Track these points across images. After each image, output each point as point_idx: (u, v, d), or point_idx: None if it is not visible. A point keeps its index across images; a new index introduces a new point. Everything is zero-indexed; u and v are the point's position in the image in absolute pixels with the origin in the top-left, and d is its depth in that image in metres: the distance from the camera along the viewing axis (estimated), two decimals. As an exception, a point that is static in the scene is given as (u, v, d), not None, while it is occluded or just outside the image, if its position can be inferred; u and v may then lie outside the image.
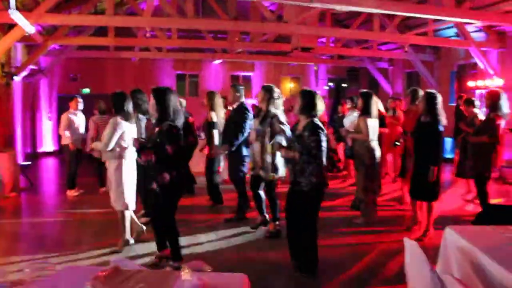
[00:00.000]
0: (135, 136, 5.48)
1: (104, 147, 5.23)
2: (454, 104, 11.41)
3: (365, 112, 6.53)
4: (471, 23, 11.40)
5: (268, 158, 5.83)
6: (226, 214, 7.17)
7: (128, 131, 5.38)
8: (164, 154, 4.43)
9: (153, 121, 4.85)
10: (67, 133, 8.62)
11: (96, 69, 16.63)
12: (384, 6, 8.61)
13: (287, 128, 5.75)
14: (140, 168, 5.57)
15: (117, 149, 5.30)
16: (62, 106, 8.82)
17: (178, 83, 18.02)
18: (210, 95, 7.58)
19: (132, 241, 5.62)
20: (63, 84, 16.50)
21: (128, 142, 5.35)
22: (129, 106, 5.45)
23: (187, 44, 13.51)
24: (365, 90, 6.85)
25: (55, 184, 10.76)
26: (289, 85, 19.91)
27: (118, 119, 5.28)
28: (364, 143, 6.49)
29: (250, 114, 6.56)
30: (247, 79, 19.02)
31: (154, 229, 4.84)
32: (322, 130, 4.40)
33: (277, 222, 6.11)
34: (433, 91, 5.77)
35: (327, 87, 19.86)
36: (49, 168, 13.66)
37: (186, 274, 1.88)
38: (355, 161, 6.89)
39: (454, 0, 9.25)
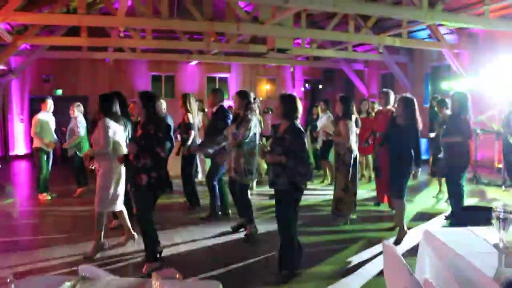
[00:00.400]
0: (123, 138, 5.45)
1: (103, 149, 5.12)
2: (428, 106, 11.55)
3: (346, 115, 6.66)
4: (443, 25, 11.56)
5: (242, 163, 5.87)
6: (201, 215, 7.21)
7: (118, 133, 5.31)
8: (150, 156, 4.58)
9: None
10: (43, 135, 8.43)
11: (69, 70, 16.29)
12: (358, 7, 8.67)
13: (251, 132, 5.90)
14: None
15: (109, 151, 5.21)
16: (35, 107, 8.60)
17: (153, 84, 17.80)
18: (185, 97, 7.66)
19: (106, 245, 5.52)
20: (36, 85, 16.10)
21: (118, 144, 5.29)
22: (117, 108, 5.40)
23: (162, 45, 13.32)
24: (343, 95, 7.01)
25: (27, 187, 10.47)
26: (265, 87, 19.89)
27: (107, 120, 5.19)
28: (345, 145, 6.61)
29: (230, 117, 6.63)
30: (224, 81, 18.92)
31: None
32: (303, 132, 4.54)
33: (253, 225, 6.12)
34: (409, 95, 5.85)
35: (303, 89, 19.91)
36: (21, 171, 13.32)
37: (156, 283, 1.80)
38: (336, 162, 6.94)
39: (427, 2, 9.35)
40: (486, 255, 2.56)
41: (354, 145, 6.70)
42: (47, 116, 8.62)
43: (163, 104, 7.10)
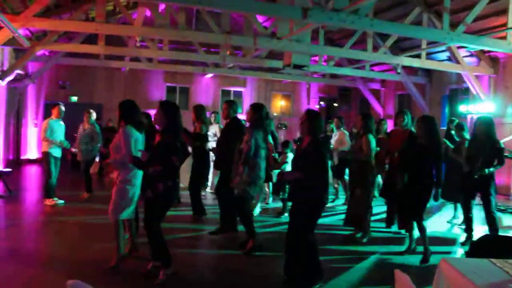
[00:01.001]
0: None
1: (124, 158, 4.88)
2: (445, 128, 11.32)
3: (368, 130, 6.52)
4: (463, 48, 11.39)
5: (246, 174, 5.74)
6: (208, 227, 7.02)
7: (139, 141, 5.12)
8: (166, 164, 4.56)
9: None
10: (53, 139, 8.41)
11: (85, 78, 16.44)
12: (377, 25, 8.55)
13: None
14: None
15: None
16: (50, 113, 8.61)
17: (168, 95, 17.82)
18: (198, 109, 7.64)
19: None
20: (52, 91, 16.24)
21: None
22: (138, 115, 5.28)
23: (178, 56, 13.33)
24: (365, 112, 6.94)
25: (36, 192, 10.41)
26: (280, 102, 19.79)
27: (129, 128, 5.01)
28: (367, 162, 6.46)
29: (243, 130, 6.43)
30: (238, 95, 18.88)
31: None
32: (327, 148, 4.52)
33: (255, 239, 5.92)
34: (430, 115, 5.74)
35: (318, 106, 19.78)
36: (32, 176, 13.30)
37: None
38: (356, 179, 6.74)
39: (448, 23, 9.20)
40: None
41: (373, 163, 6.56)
42: (57, 122, 8.57)
43: None
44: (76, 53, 13.50)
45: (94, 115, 9.36)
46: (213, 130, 9.22)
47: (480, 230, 7.00)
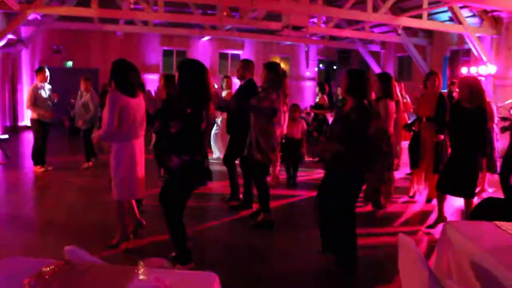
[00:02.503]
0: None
1: (107, 128, 4.25)
2: (446, 91, 11.17)
3: (387, 94, 5.92)
4: (466, 7, 11.12)
5: (254, 138, 5.28)
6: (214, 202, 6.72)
7: (131, 107, 4.41)
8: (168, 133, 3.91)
9: None
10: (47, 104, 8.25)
11: (80, 42, 16.14)
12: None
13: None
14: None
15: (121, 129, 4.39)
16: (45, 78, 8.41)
17: (165, 59, 17.56)
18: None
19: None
20: (46, 56, 15.98)
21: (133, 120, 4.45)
22: (132, 77, 4.48)
23: (174, 18, 13.03)
24: (383, 72, 6.38)
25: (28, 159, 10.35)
26: (278, 66, 19.53)
27: (117, 93, 4.34)
28: (381, 129, 5.77)
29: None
30: (236, 58, 18.58)
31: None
32: (370, 114, 4.10)
33: (268, 214, 5.50)
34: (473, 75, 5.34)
35: (317, 69, 19.53)
36: (30, 142, 13.18)
37: (142, 273, 1.59)
38: None
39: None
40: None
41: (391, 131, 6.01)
42: (43, 87, 8.36)
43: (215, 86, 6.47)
44: (70, 17, 13.17)
45: None
46: (224, 95, 8.83)
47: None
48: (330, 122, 8.57)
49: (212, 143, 9.53)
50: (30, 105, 8.18)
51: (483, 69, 11.86)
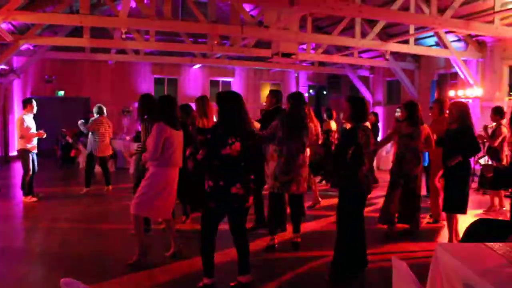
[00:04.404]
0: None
1: (151, 155, 4.80)
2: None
3: (416, 122, 6.09)
4: (451, 32, 11.37)
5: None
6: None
7: (173, 138, 4.91)
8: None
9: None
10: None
11: (72, 72, 16.23)
12: (365, 12, 8.50)
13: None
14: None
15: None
16: (37, 108, 8.49)
17: (156, 87, 17.65)
18: (201, 100, 6.66)
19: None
20: (38, 85, 16.02)
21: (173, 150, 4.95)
22: (174, 110, 5.06)
23: (165, 47, 13.20)
24: (410, 101, 6.50)
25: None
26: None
27: (162, 124, 4.85)
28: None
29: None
30: (227, 85, 18.77)
31: None
32: (353, 137, 4.41)
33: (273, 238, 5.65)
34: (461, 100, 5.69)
35: (308, 94, 19.72)
36: (21, 173, 13.11)
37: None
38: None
39: (436, 8, 9.17)
40: (502, 273, 2.36)
41: None
42: (30, 117, 8.43)
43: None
44: (61, 46, 13.32)
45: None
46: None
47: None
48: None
49: None
50: (23, 133, 8.21)
51: (470, 92, 12.09)
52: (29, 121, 8.35)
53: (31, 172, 8.38)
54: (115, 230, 6.14)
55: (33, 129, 8.42)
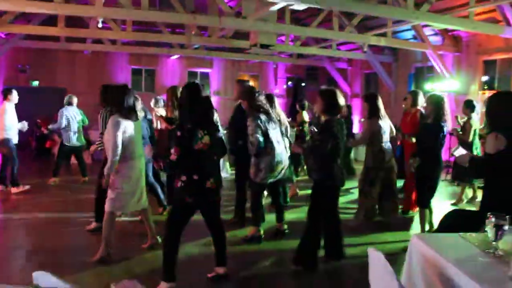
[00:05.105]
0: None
1: (113, 152, 4.63)
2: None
3: (373, 114, 6.21)
4: (428, 26, 11.49)
5: (253, 161, 5.56)
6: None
7: (129, 130, 4.81)
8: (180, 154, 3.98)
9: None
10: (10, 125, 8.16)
11: (46, 61, 15.87)
12: (344, 4, 8.52)
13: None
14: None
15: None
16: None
17: (133, 78, 17.46)
18: (173, 91, 6.51)
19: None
20: (11, 75, 15.62)
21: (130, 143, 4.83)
22: (129, 101, 4.84)
23: (142, 37, 12.99)
24: (370, 92, 6.74)
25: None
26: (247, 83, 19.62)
27: (117, 117, 4.71)
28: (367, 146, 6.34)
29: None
30: (205, 76, 18.66)
31: None
32: (331, 130, 4.47)
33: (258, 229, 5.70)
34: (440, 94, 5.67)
35: (286, 86, 19.75)
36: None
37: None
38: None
39: (413, 2, 9.24)
40: (476, 262, 2.41)
41: (383, 148, 6.29)
42: (12, 106, 8.31)
43: (138, 101, 6.43)
44: (35, 35, 12.98)
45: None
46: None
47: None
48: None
49: None
50: (4, 125, 8.08)
51: (446, 85, 12.27)
52: (11, 111, 8.23)
53: (17, 161, 8.30)
54: (92, 222, 6.04)
55: (15, 119, 8.29)
